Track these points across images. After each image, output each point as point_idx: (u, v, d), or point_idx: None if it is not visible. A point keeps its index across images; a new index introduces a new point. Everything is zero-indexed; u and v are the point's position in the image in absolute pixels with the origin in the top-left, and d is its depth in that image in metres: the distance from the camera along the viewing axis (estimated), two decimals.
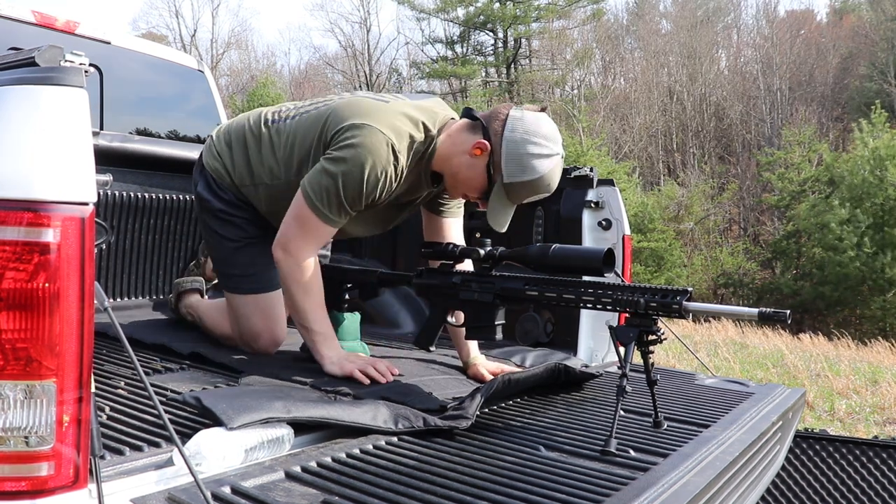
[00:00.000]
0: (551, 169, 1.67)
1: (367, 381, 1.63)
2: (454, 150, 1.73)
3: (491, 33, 31.37)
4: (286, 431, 1.26)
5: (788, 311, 1.33)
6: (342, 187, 1.65)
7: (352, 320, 1.97)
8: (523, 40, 31.30)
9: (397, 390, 1.59)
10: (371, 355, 1.95)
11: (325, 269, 1.97)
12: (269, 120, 1.90)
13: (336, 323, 1.94)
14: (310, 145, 1.77)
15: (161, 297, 2.74)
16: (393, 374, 1.69)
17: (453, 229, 2.00)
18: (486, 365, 1.90)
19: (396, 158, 1.67)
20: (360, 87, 32.18)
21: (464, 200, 1.97)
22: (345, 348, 1.88)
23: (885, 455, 2.64)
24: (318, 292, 1.76)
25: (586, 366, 2.12)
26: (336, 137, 1.69)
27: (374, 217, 1.90)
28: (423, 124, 1.74)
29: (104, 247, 2.68)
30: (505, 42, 31.17)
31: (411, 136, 1.71)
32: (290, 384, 1.60)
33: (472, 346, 1.93)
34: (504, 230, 1.74)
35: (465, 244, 1.96)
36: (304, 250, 1.71)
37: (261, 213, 1.94)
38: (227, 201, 1.94)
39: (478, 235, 2.59)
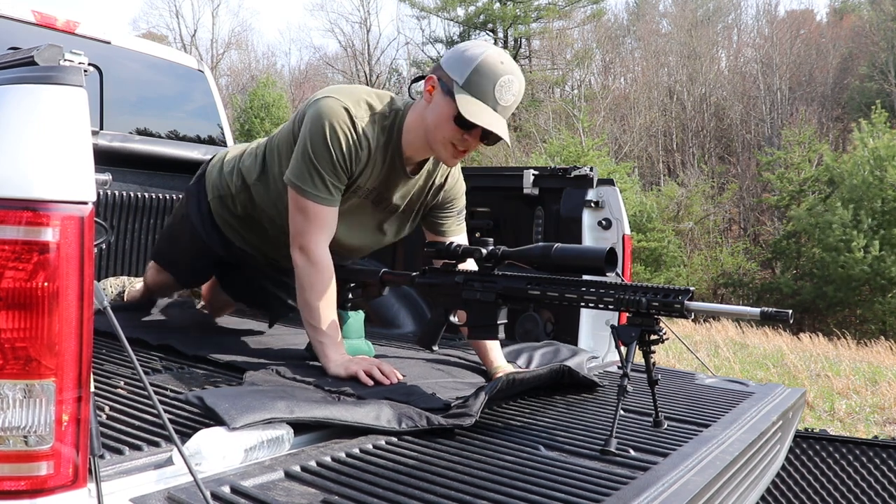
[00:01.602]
0: (490, 51, 1.68)
1: (371, 383, 1.63)
2: (416, 114, 1.77)
3: (491, 33, 31.38)
4: (286, 431, 1.26)
5: (790, 311, 1.33)
6: (312, 155, 1.72)
7: (356, 318, 1.97)
8: (523, 40, 31.31)
9: (400, 390, 1.59)
10: (375, 354, 1.95)
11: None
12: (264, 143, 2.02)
13: (341, 321, 1.94)
14: (286, 139, 1.86)
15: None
16: (397, 377, 1.69)
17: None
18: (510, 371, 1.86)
19: (353, 122, 1.73)
20: None
21: (462, 215, 2.00)
22: (350, 347, 1.89)
23: (885, 455, 2.64)
24: (332, 295, 1.78)
25: (594, 357, 2.11)
26: (300, 120, 1.79)
27: (360, 219, 1.91)
28: (385, 98, 1.81)
29: (104, 247, 2.68)
30: (505, 42, 31.17)
31: (370, 105, 1.77)
32: (293, 384, 1.60)
33: (497, 352, 1.91)
34: (506, 137, 1.70)
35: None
36: (316, 243, 1.75)
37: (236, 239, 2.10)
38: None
39: (478, 235, 2.59)
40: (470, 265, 1.81)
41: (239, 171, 2.00)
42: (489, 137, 1.72)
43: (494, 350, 1.91)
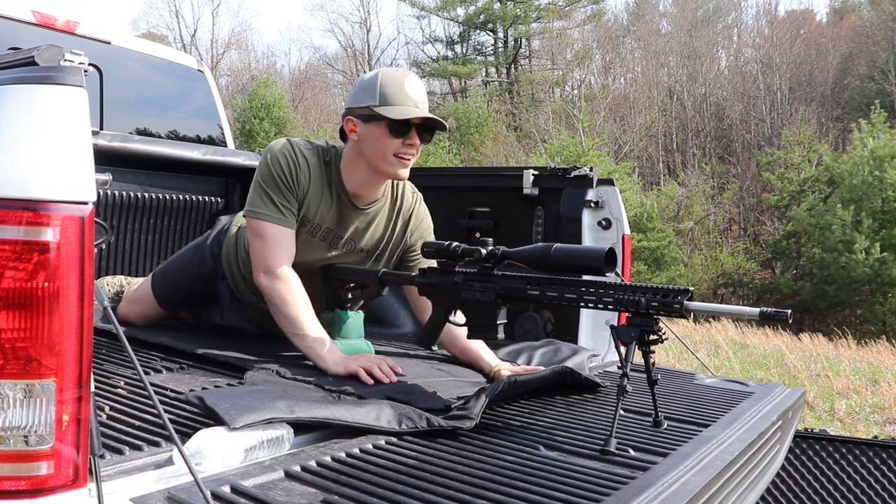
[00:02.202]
0: (382, 69, 1.85)
1: (371, 382, 1.63)
2: (349, 153, 1.88)
3: (491, 33, 31.40)
4: (286, 431, 1.26)
5: (790, 311, 1.33)
6: (260, 180, 1.85)
7: (356, 318, 1.97)
8: (523, 40, 31.32)
9: (401, 390, 1.59)
10: (375, 353, 1.95)
11: (328, 269, 1.97)
12: None
13: (340, 321, 1.94)
14: None
15: None
16: (397, 374, 1.70)
17: None
18: (514, 370, 1.87)
19: (293, 150, 1.86)
20: None
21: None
22: (349, 346, 1.89)
23: (885, 455, 2.64)
24: (304, 301, 1.81)
25: (594, 356, 2.11)
26: None
27: (318, 259, 1.96)
28: (319, 140, 1.97)
29: (104, 247, 2.68)
30: (505, 42, 31.19)
31: (309, 141, 1.92)
32: (293, 383, 1.60)
33: (488, 353, 1.93)
34: (441, 120, 1.84)
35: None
36: (277, 263, 1.81)
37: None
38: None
39: (478, 235, 2.59)
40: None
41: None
42: (427, 132, 1.84)
43: (483, 351, 1.93)
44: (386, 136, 1.79)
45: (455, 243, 1.80)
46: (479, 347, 1.94)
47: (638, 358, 1.49)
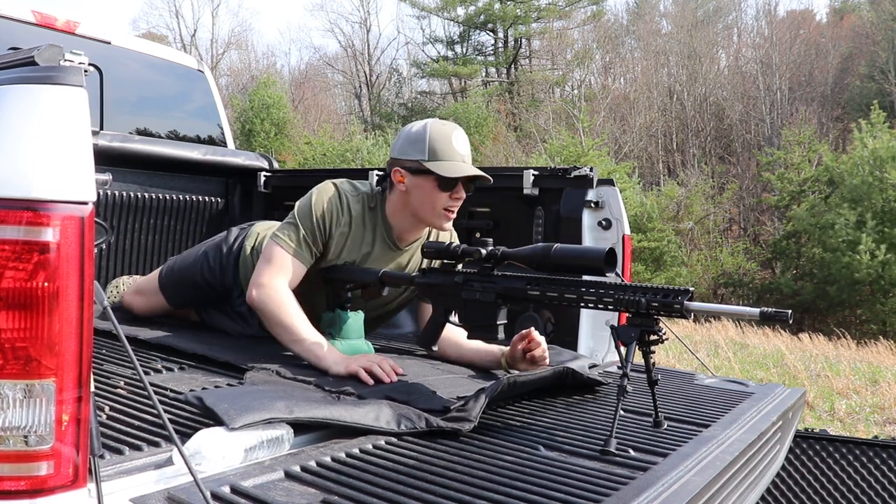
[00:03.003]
0: (429, 121, 1.91)
1: (372, 382, 1.63)
2: (395, 202, 1.95)
3: (491, 33, 31.39)
4: (286, 431, 1.26)
5: (790, 311, 1.33)
6: (296, 214, 1.91)
7: (356, 319, 1.97)
8: (523, 40, 31.31)
9: (401, 390, 1.59)
10: (375, 352, 1.96)
11: (328, 269, 1.98)
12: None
13: (340, 321, 1.94)
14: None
15: None
16: (397, 374, 1.70)
17: None
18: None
19: (340, 201, 1.93)
20: (360, 87, 32.20)
21: None
22: (349, 346, 1.89)
23: (885, 455, 2.64)
24: (297, 309, 1.82)
25: (594, 365, 2.12)
26: None
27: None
28: (365, 185, 2.02)
29: (104, 247, 2.68)
30: (505, 42, 31.18)
31: (353, 185, 1.99)
32: (293, 384, 1.60)
33: (489, 348, 1.97)
34: (486, 175, 1.91)
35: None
36: (271, 279, 1.83)
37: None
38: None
39: (478, 235, 2.59)
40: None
41: None
42: (471, 181, 1.92)
43: (481, 344, 1.98)
44: (435, 191, 1.87)
45: (455, 243, 1.80)
46: (480, 344, 1.98)
47: (638, 358, 1.49)
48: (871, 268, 15.75)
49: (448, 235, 2.10)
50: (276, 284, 1.83)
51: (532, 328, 1.88)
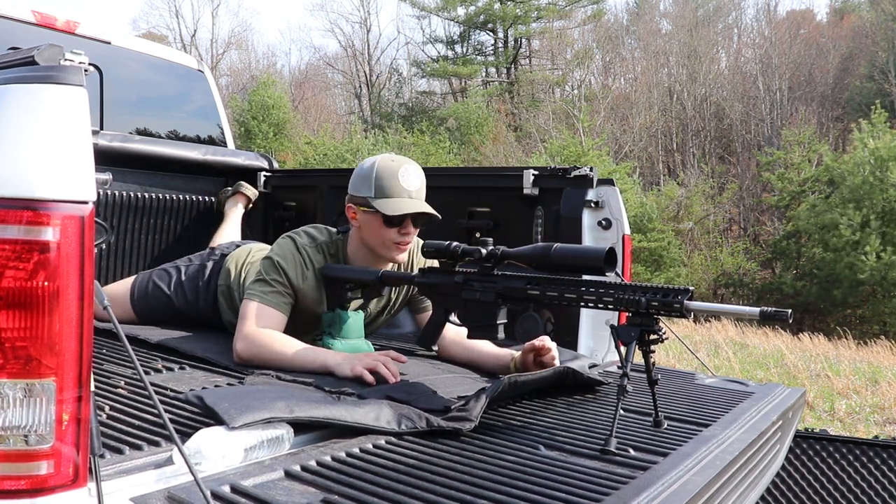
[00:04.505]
0: (378, 157, 1.94)
1: (375, 384, 1.63)
2: (353, 240, 2.00)
3: (491, 33, 31.39)
4: (286, 431, 1.26)
5: (790, 311, 1.33)
6: (263, 271, 1.93)
7: (356, 318, 1.97)
8: (523, 40, 31.31)
9: (402, 389, 1.59)
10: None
11: (328, 269, 1.98)
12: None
13: (340, 321, 1.94)
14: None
15: None
16: (401, 369, 1.71)
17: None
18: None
19: (298, 249, 1.96)
20: (360, 87, 32.22)
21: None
22: (349, 346, 1.89)
23: (885, 455, 2.64)
24: (285, 336, 1.83)
25: (594, 364, 2.12)
26: None
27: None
28: (322, 232, 2.04)
29: (104, 247, 2.68)
30: (505, 42, 31.18)
31: (311, 236, 2.01)
32: (293, 384, 1.60)
33: (498, 352, 1.97)
34: (433, 211, 1.92)
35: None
36: (254, 328, 1.83)
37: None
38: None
39: (478, 235, 2.59)
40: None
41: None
42: (418, 220, 1.94)
43: (490, 347, 1.97)
44: (382, 227, 1.91)
45: (455, 243, 1.80)
46: (489, 346, 1.99)
47: (638, 358, 1.49)
48: (876, 269, 15.72)
49: (414, 247, 2.10)
50: (260, 330, 1.82)
51: (545, 337, 1.85)
